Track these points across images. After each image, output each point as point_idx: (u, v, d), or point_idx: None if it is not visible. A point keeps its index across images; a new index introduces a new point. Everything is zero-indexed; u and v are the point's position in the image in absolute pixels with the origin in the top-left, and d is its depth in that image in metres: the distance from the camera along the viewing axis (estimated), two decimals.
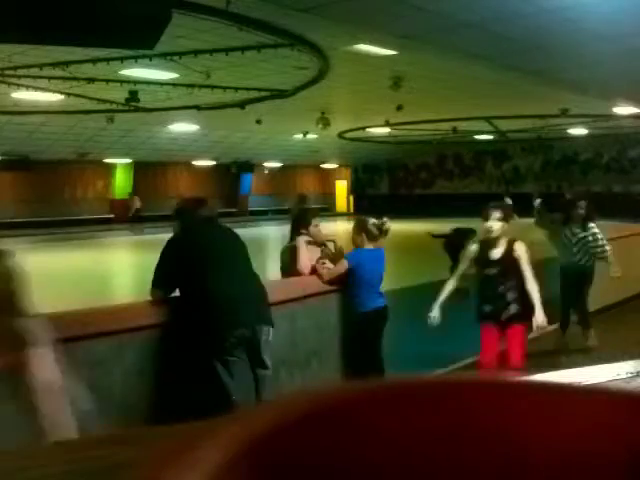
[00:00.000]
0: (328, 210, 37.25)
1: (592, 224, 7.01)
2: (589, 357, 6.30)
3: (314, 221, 5.02)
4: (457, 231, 10.44)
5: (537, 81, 13.69)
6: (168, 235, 4.28)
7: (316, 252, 4.97)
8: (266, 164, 35.48)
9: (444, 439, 0.40)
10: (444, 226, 28.21)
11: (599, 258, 7.05)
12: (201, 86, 14.61)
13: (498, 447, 0.40)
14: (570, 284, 6.95)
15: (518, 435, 0.40)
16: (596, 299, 8.38)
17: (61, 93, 15.47)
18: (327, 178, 41.70)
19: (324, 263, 4.82)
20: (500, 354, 4.74)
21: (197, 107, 18.04)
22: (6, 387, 2.50)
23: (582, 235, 6.97)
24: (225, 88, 15.08)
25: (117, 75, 13.56)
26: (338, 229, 32.66)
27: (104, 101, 16.91)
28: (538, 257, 6.64)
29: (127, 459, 0.77)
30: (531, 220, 7.74)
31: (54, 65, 12.30)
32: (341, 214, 39.58)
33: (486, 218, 4.69)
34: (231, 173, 33.81)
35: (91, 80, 13.65)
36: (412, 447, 0.40)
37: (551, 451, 0.40)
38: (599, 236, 7.00)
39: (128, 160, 29.37)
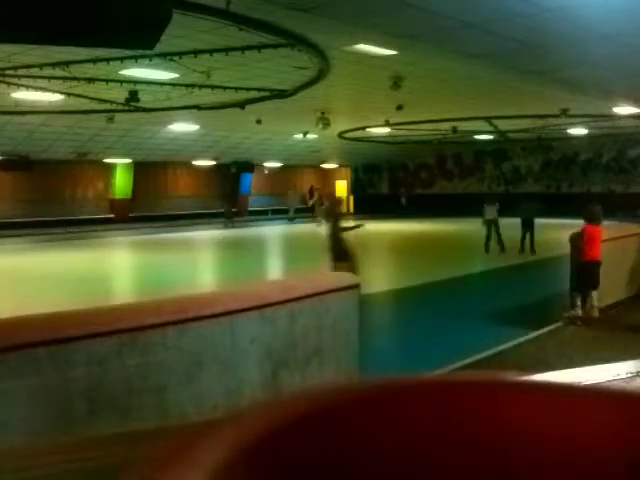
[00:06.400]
0: None
1: None
2: (589, 357, 6.30)
3: None
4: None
5: (537, 81, 13.69)
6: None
7: None
8: (266, 164, 35.49)
9: (443, 439, 0.40)
10: (444, 226, 28.20)
11: None
12: (201, 86, 14.62)
13: (498, 447, 0.40)
14: None
15: (518, 435, 0.40)
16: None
17: (61, 93, 15.48)
18: (327, 178, 41.70)
19: None
20: None
21: (197, 107, 18.06)
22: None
23: None
24: (225, 88, 15.09)
25: (117, 75, 13.56)
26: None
27: (104, 101, 16.91)
28: None
29: (127, 459, 0.77)
30: None
31: (54, 65, 12.31)
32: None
33: None
34: (231, 173, 33.83)
35: (91, 80, 13.66)
36: (411, 447, 0.40)
37: (551, 451, 0.40)
38: None
39: (128, 160, 29.39)
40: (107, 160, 28.78)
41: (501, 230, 16.17)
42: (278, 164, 35.96)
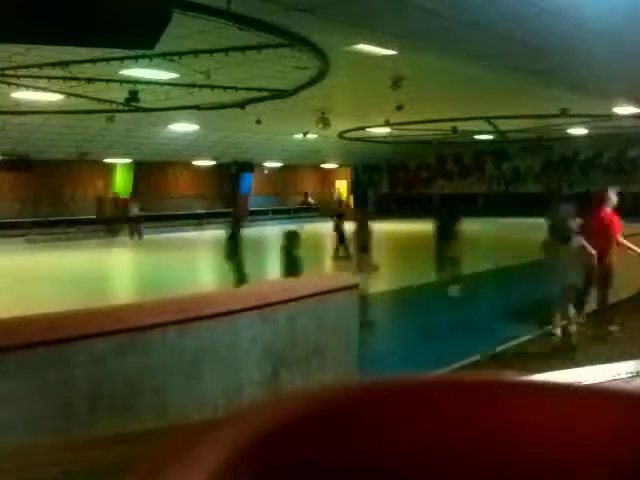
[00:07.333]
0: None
1: None
2: (589, 357, 6.30)
3: None
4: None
5: (537, 81, 13.69)
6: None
7: None
8: (266, 164, 35.48)
9: (443, 438, 0.40)
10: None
11: None
12: (201, 86, 14.61)
13: (498, 447, 0.40)
14: None
15: (518, 435, 0.40)
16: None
17: (61, 93, 15.47)
18: (327, 178, 41.69)
19: None
20: None
21: (197, 107, 18.05)
22: None
23: None
24: (225, 88, 15.08)
25: (117, 75, 13.55)
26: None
27: (104, 101, 16.91)
28: None
29: (127, 459, 0.77)
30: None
31: (54, 65, 12.30)
32: None
33: None
34: (231, 173, 33.82)
35: (91, 80, 13.65)
36: (412, 447, 0.40)
37: (551, 451, 0.40)
38: None
39: (128, 160, 29.37)
40: (107, 160, 28.77)
41: None
42: (278, 164, 35.94)
